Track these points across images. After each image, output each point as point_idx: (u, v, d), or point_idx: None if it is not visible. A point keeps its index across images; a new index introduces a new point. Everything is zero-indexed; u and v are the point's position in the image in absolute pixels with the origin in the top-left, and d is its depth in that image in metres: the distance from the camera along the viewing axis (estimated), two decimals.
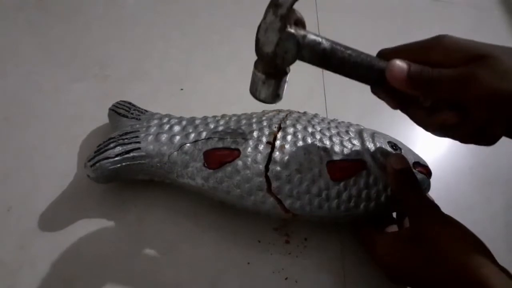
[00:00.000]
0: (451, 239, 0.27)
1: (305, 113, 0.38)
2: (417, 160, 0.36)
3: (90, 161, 0.34)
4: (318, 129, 0.35)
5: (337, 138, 0.34)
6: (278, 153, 0.33)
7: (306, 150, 0.33)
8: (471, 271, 0.26)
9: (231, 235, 0.37)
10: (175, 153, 0.35)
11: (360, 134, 0.36)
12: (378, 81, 0.29)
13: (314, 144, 0.34)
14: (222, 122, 0.36)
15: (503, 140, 0.45)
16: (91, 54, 0.50)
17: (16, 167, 0.39)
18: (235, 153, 0.33)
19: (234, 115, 0.37)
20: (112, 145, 0.35)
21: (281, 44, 0.27)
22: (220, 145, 0.34)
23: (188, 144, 0.35)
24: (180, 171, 0.35)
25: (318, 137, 0.34)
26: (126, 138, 0.36)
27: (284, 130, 0.34)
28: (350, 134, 0.35)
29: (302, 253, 0.36)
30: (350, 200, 0.33)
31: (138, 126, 0.37)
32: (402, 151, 0.36)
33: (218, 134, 0.35)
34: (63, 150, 0.41)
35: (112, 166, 0.34)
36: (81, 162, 0.40)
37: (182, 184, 0.35)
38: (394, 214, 0.38)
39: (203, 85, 0.48)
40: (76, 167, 0.40)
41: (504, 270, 0.27)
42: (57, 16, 0.54)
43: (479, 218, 0.40)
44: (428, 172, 0.36)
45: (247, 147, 0.33)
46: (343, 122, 0.38)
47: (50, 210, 0.37)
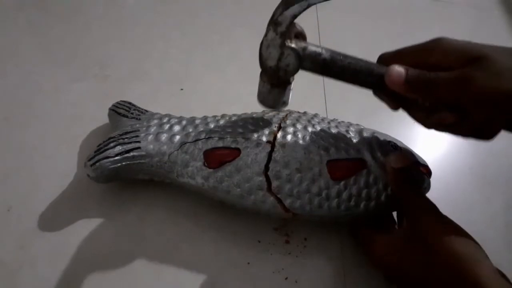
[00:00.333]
0: (448, 240, 0.27)
1: (305, 113, 0.38)
2: (417, 160, 0.36)
3: (90, 160, 0.34)
4: (318, 128, 0.35)
5: (337, 138, 0.34)
6: (278, 152, 0.33)
7: (306, 150, 0.33)
8: (467, 272, 0.26)
9: (231, 235, 0.37)
10: (175, 152, 0.35)
11: (360, 134, 0.36)
12: (378, 85, 0.30)
13: (314, 143, 0.34)
14: (222, 122, 0.36)
15: (503, 140, 0.45)
16: (91, 54, 0.50)
17: (16, 167, 0.39)
18: (235, 152, 0.33)
19: (234, 115, 0.37)
20: (112, 144, 0.35)
21: (282, 58, 0.29)
22: (220, 144, 0.34)
23: (188, 143, 0.35)
24: (180, 171, 0.35)
25: (318, 136, 0.34)
26: (126, 138, 0.36)
27: (284, 130, 0.34)
28: (351, 133, 0.35)
29: (302, 253, 0.36)
30: (350, 199, 0.33)
31: (138, 125, 0.37)
32: (402, 151, 0.36)
33: (218, 133, 0.35)
34: (63, 150, 0.41)
35: (112, 166, 0.34)
36: (81, 162, 0.40)
37: (182, 183, 0.35)
38: (394, 214, 0.38)
39: (203, 85, 0.48)
40: (76, 167, 0.40)
41: (498, 271, 0.27)
42: (57, 16, 0.54)
43: (479, 218, 0.40)
44: (428, 171, 0.36)
45: (247, 147, 0.33)
46: (343, 122, 0.38)
47: (50, 210, 0.37)
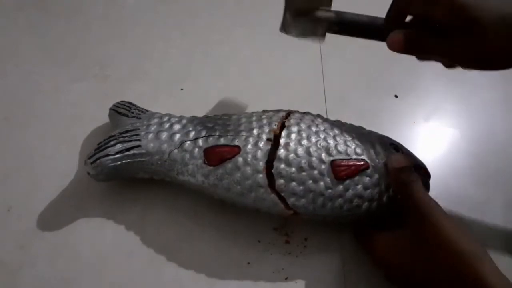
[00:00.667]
0: (451, 238, 0.27)
1: (307, 113, 0.38)
2: (417, 162, 0.36)
3: (90, 158, 0.34)
4: (322, 128, 0.35)
5: (341, 138, 0.34)
6: (282, 150, 0.33)
7: (311, 149, 0.33)
8: (470, 269, 0.26)
9: (231, 235, 0.36)
10: (175, 150, 0.35)
11: (362, 135, 0.36)
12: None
13: (318, 142, 0.34)
14: (222, 121, 0.36)
15: (503, 140, 0.45)
16: (91, 54, 0.50)
17: (16, 167, 0.39)
18: (235, 149, 0.33)
19: (234, 114, 0.37)
20: (112, 142, 0.35)
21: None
22: (220, 142, 0.34)
23: (188, 141, 0.35)
24: (180, 169, 0.35)
25: (322, 136, 0.34)
26: (127, 136, 0.36)
27: (288, 129, 0.34)
28: (354, 134, 0.35)
29: (302, 253, 0.36)
30: (353, 199, 0.33)
31: (138, 124, 0.37)
32: (403, 152, 0.36)
33: (218, 131, 0.35)
34: (63, 150, 0.41)
35: (112, 164, 0.34)
36: (81, 162, 0.40)
37: (183, 182, 0.35)
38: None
39: (203, 85, 0.48)
40: (76, 167, 0.40)
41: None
42: (57, 16, 0.54)
43: (479, 218, 0.40)
44: (427, 174, 0.36)
45: (247, 144, 0.33)
46: (346, 123, 0.38)
47: (50, 210, 0.37)
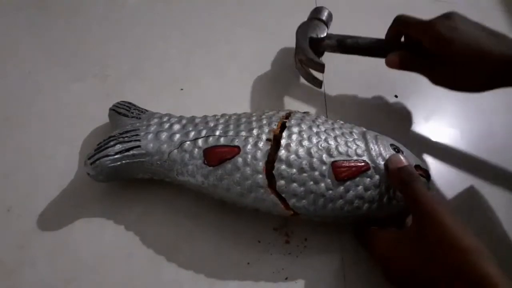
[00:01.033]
0: (454, 235, 0.27)
1: (308, 113, 0.38)
2: (417, 163, 0.36)
3: (90, 158, 0.34)
4: (323, 129, 0.35)
5: (341, 139, 0.34)
6: (284, 151, 0.33)
7: (312, 150, 0.33)
8: (474, 266, 0.26)
9: (231, 235, 0.36)
10: (175, 151, 0.35)
11: (363, 136, 0.36)
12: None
13: (319, 143, 0.34)
14: (222, 121, 0.36)
15: (503, 140, 0.45)
16: (91, 54, 0.50)
17: (16, 167, 0.39)
18: (235, 150, 0.33)
19: (234, 114, 0.37)
20: (112, 143, 0.35)
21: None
22: (220, 142, 0.34)
23: (188, 142, 0.35)
24: (180, 169, 0.35)
25: (323, 137, 0.34)
26: (127, 136, 0.36)
27: (289, 129, 0.34)
28: (354, 135, 0.35)
29: (302, 253, 0.36)
30: (353, 200, 0.33)
31: (138, 124, 0.37)
32: (403, 153, 0.36)
33: (217, 131, 0.35)
34: (63, 150, 0.41)
35: (112, 164, 0.34)
36: (81, 162, 0.40)
37: (182, 182, 0.35)
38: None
39: (203, 85, 0.48)
40: (76, 167, 0.40)
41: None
42: (57, 16, 0.54)
43: (479, 218, 0.40)
44: (427, 175, 0.36)
45: (247, 144, 0.33)
46: (346, 123, 0.38)
47: (50, 210, 0.37)
